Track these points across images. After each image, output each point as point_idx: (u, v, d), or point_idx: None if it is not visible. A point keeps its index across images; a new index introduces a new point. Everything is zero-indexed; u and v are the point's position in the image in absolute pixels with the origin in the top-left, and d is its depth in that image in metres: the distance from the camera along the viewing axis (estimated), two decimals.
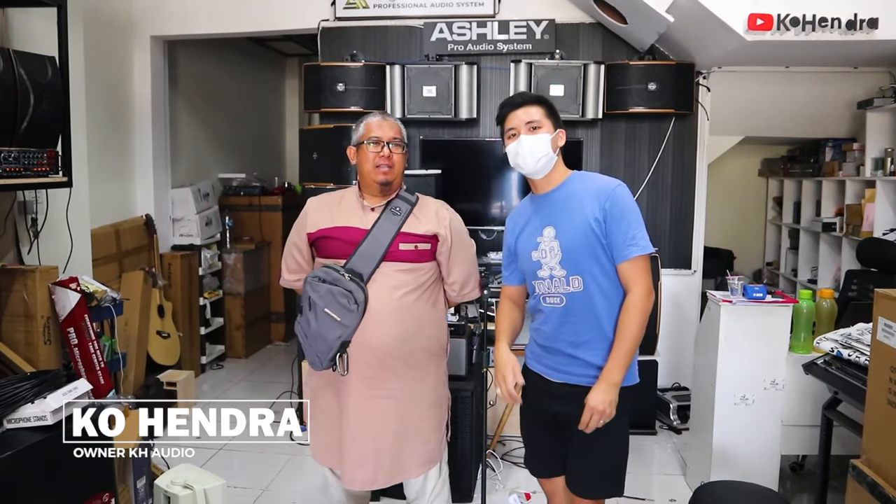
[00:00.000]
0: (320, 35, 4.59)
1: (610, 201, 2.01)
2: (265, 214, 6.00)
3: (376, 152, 2.22)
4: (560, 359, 2.11)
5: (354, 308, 2.14)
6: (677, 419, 4.16)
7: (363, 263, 2.19)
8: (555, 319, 2.10)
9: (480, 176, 4.45)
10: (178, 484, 2.83)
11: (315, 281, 2.18)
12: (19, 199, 3.19)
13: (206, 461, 3.71)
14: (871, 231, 4.21)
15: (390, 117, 2.32)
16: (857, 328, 2.68)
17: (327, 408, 2.30)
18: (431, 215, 2.30)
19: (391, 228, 2.22)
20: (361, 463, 2.23)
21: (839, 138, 4.99)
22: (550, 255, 2.07)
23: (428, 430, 2.31)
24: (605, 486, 2.12)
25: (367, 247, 2.20)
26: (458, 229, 2.34)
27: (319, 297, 2.17)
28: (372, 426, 2.22)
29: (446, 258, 2.31)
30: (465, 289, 2.39)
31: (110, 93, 4.56)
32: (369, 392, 2.22)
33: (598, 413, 1.97)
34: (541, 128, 2.07)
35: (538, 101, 2.11)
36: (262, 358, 5.82)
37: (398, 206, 2.26)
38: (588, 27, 4.39)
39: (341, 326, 2.16)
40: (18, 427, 2.15)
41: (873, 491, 1.90)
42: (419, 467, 2.31)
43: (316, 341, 2.19)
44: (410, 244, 2.23)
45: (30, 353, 2.98)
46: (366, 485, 2.28)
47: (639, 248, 2.01)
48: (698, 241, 4.50)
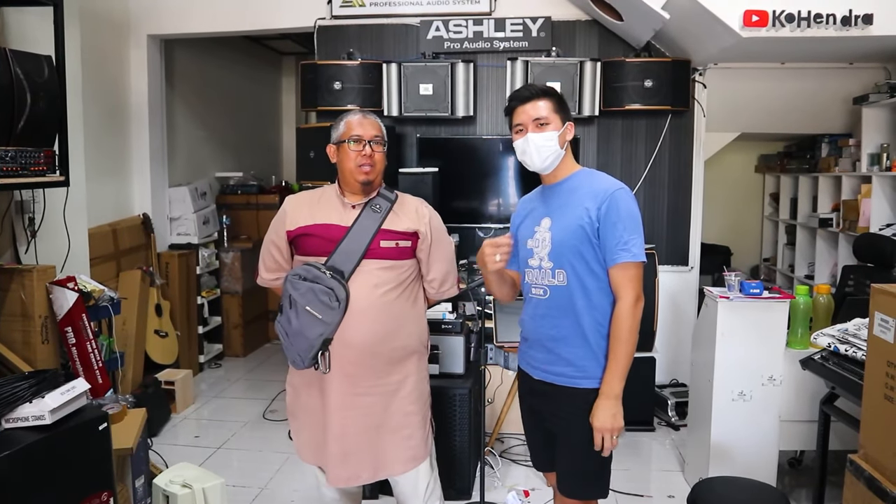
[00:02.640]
0: (317, 33, 4.59)
1: (606, 204, 1.99)
2: (262, 213, 5.99)
3: (358, 151, 2.21)
4: (540, 354, 2.12)
5: (336, 305, 2.14)
6: (675, 415, 4.17)
7: (344, 261, 2.18)
8: (537, 311, 2.12)
9: (477, 174, 4.45)
10: (177, 483, 2.84)
11: (296, 279, 2.17)
12: (16, 199, 3.19)
13: (205, 460, 3.71)
14: (868, 226, 4.22)
15: (370, 115, 2.32)
16: (854, 323, 2.69)
17: (310, 406, 2.29)
18: (411, 212, 2.30)
19: (372, 226, 2.22)
20: (344, 460, 2.24)
21: (835, 134, 5.00)
22: (542, 245, 2.08)
23: (411, 426, 2.30)
24: (588, 487, 2.11)
25: (347, 244, 2.20)
26: (437, 227, 2.35)
27: (300, 294, 2.16)
28: (354, 423, 2.22)
29: (426, 255, 2.31)
30: (444, 286, 2.39)
31: (107, 92, 4.55)
32: (351, 389, 2.22)
33: (606, 432, 1.97)
34: (549, 124, 2.05)
35: (546, 95, 2.08)
36: (261, 356, 5.83)
37: (378, 204, 2.25)
38: (584, 24, 4.40)
39: (323, 324, 2.15)
40: (16, 427, 2.15)
41: (871, 485, 1.91)
42: (403, 464, 2.31)
43: (297, 339, 2.18)
44: (391, 241, 2.23)
45: (27, 352, 2.98)
46: (350, 482, 2.28)
47: (629, 255, 1.98)
48: (695, 238, 4.50)
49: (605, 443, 1.98)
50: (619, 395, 1.99)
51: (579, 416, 2.02)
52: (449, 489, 3.02)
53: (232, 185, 6.10)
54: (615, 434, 1.99)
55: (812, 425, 2.91)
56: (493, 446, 3.71)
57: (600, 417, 1.98)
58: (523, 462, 3.65)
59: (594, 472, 2.08)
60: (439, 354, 3.22)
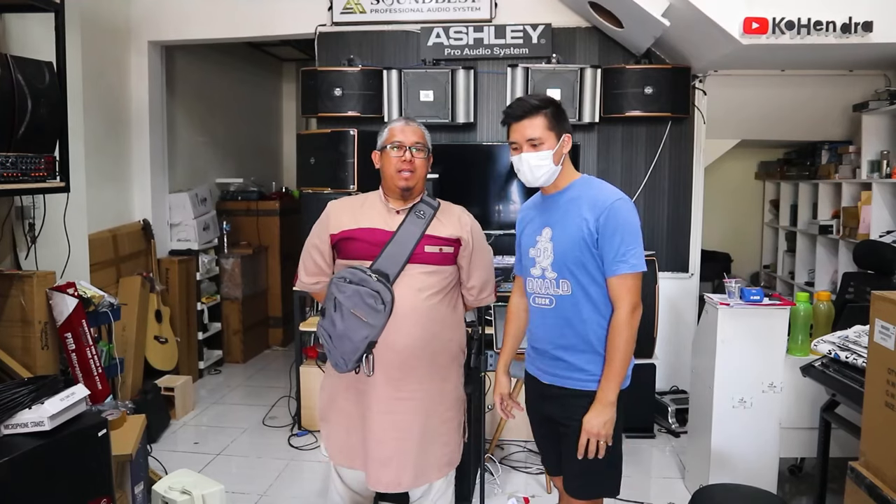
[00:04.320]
0: (317, 40, 4.60)
1: (605, 214, 2.00)
2: (263, 219, 6.00)
3: (398, 157, 2.22)
4: (548, 361, 2.14)
5: (382, 308, 2.13)
6: (675, 422, 4.16)
7: (389, 264, 2.19)
8: (543, 320, 2.13)
9: (478, 180, 4.45)
10: (176, 489, 2.83)
11: (341, 282, 2.17)
12: (17, 205, 3.19)
13: (205, 466, 3.70)
14: (868, 233, 4.22)
15: (413, 122, 2.32)
16: (855, 330, 2.69)
17: (347, 410, 2.29)
18: (454, 220, 2.31)
19: (416, 231, 2.23)
20: (386, 464, 2.23)
21: (835, 141, 5.01)
22: (544, 255, 2.09)
23: (448, 432, 2.32)
24: (597, 486, 2.12)
25: (393, 248, 2.20)
26: (478, 235, 2.36)
27: (346, 297, 2.15)
28: (397, 427, 2.22)
29: (467, 262, 2.32)
30: (483, 293, 2.40)
31: (108, 98, 4.56)
32: (394, 393, 2.22)
33: (593, 436, 2.00)
34: (543, 144, 2.04)
35: (540, 110, 2.05)
36: (260, 363, 5.81)
37: (422, 210, 2.27)
38: (584, 31, 4.41)
39: (368, 327, 2.15)
40: (16, 433, 2.15)
41: (872, 493, 1.91)
42: (440, 469, 2.32)
43: (342, 342, 2.17)
44: (435, 247, 2.24)
45: (27, 358, 2.97)
46: (390, 487, 2.26)
47: (627, 266, 1.99)
48: (695, 245, 4.51)
49: (590, 446, 2.01)
50: (614, 402, 2.02)
51: None
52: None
53: (232, 191, 6.11)
54: (601, 440, 2.01)
55: (813, 432, 2.90)
56: (493, 453, 3.70)
57: (591, 421, 2.01)
58: (523, 469, 3.64)
59: (602, 470, 2.09)
60: None
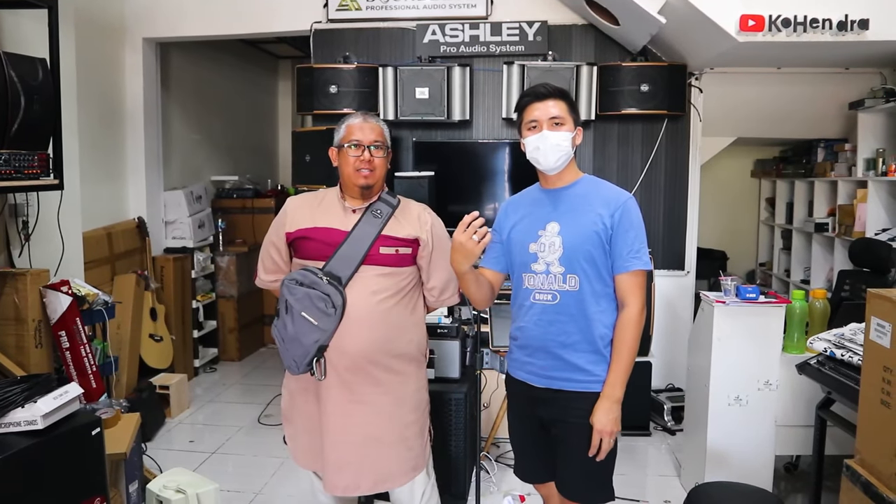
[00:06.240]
0: (313, 37, 4.58)
1: (620, 211, 2.01)
2: (258, 217, 5.99)
3: (357, 156, 2.18)
4: (545, 362, 2.08)
5: (332, 312, 2.11)
6: (671, 420, 4.16)
7: (342, 266, 2.15)
8: (542, 317, 2.07)
9: (473, 178, 4.45)
10: (171, 488, 2.82)
11: (292, 284, 2.14)
12: (10, 202, 3.17)
13: (200, 465, 3.69)
14: (864, 231, 4.23)
15: (372, 118, 2.27)
16: (850, 328, 2.69)
17: (307, 412, 2.27)
18: (413, 218, 2.26)
19: (372, 231, 2.18)
20: (343, 468, 2.21)
21: (831, 139, 5.02)
22: (550, 250, 2.05)
23: (411, 437, 2.28)
24: (594, 491, 2.11)
25: (346, 249, 2.16)
26: (439, 234, 2.29)
27: (296, 300, 2.13)
28: (353, 432, 2.19)
29: (427, 263, 2.27)
30: (445, 294, 2.34)
31: (102, 95, 4.54)
32: (349, 397, 2.19)
33: (606, 434, 1.99)
34: (564, 124, 2.04)
35: (562, 96, 2.07)
36: (256, 361, 5.81)
37: (379, 209, 2.21)
38: (580, 29, 4.40)
39: (318, 331, 2.12)
40: (9, 431, 2.13)
41: (867, 490, 1.91)
42: (405, 475, 2.28)
43: (293, 345, 2.15)
44: (391, 248, 2.19)
45: (21, 356, 2.96)
46: (348, 491, 2.24)
47: (641, 263, 2.01)
48: (691, 242, 4.51)
49: (603, 444, 2.00)
50: (620, 399, 2.01)
51: (589, 420, 2.02)
52: (445, 494, 3.00)
53: (227, 188, 6.10)
54: (612, 437, 2.00)
55: (808, 430, 2.90)
56: (488, 451, 3.70)
57: (601, 419, 1.99)
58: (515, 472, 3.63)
59: (603, 475, 2.09)
60: (435, 359, 3.21)
